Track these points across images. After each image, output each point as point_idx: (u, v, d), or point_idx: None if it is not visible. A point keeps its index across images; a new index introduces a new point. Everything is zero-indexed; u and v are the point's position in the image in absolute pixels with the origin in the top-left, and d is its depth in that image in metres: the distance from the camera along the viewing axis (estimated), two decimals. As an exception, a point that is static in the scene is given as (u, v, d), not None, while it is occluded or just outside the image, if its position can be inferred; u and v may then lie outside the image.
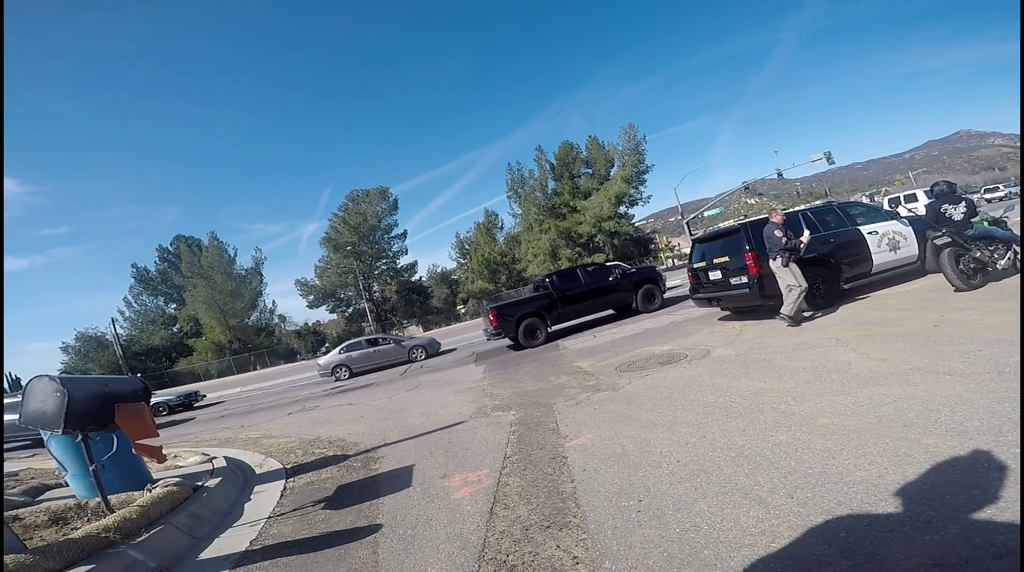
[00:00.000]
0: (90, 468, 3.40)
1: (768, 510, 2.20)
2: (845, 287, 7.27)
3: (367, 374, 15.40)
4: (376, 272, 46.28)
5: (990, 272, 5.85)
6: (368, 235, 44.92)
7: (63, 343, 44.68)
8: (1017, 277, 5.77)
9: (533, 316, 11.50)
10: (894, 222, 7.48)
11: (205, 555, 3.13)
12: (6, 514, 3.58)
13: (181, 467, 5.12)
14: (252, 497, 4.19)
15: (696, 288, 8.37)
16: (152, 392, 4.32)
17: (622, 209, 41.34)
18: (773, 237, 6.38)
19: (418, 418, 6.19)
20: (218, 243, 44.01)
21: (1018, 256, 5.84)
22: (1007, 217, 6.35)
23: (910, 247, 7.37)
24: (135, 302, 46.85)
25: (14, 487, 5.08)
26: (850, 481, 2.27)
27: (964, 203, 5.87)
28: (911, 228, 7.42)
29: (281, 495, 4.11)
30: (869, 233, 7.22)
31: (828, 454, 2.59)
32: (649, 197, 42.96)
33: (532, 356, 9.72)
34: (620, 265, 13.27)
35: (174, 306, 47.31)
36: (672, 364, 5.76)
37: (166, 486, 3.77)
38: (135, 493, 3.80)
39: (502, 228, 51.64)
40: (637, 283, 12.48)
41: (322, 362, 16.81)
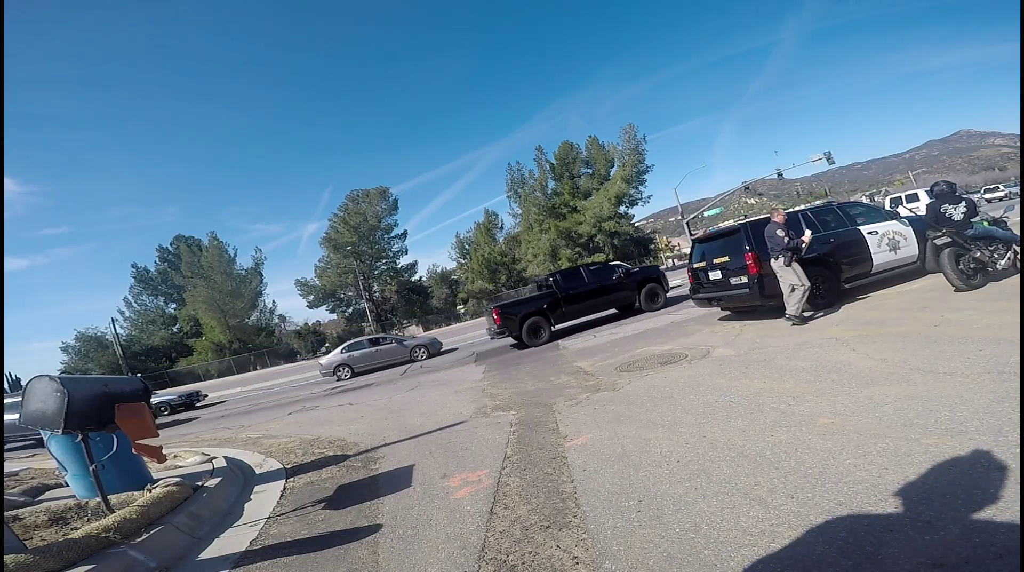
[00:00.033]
0: (90, 468, 3.40)
1: (768, 510, 2.20)
2: (846, 287, 7.27)
3: (368, 374, 15.41)
4: (376, 272, 46.30)
5: (990, 272, 5.86)
6: (368, 235, 44.94)
7: (63, 343, 44.81)
8: (1017, 277, 5.77)
9: (537, 315, 11.51)
10: (894, 222, 7.48)
11: (205, 555, 3.13)
12: (6, 514, 3.58)
13: (181, 467, 5.12)
14: (252, 497, 4.19)
15: (696, 288, 8.38)
16: (152, 392, 4.33)
17: (622, 209, 41.35)
18: (775, 236, 6.37)
19: (418, 418, 6.19)
20: (218, 243, 44.03)
21: (1018, 256, 5.84)
22: (1007, 217, 6.35)
23: (910, 247, 7.38)
24: (135, 302, 46.91)
25: (14, 487, 5.08)
26: (850, 481, 2.27)
27: (964, 203, 5.87)
28: (911, 228, 7.43)
29: (281, 495, 4.11)
30: (869, 233, 7.22)
31: (828, 454, 2.59)
32: (649, 197, 43.06)
33: (532, 356, 9.72)
34: (621, 265, 13.29)
35: (174, 306, 47.34)
36: (672, 364, 5.76)
37: (166, 486, 3.77)
38: (135, 493, 3.80)
39: (502, 228, 51.69)
40: (640, 282, 12.50)
41: (324, 362, 16.81)
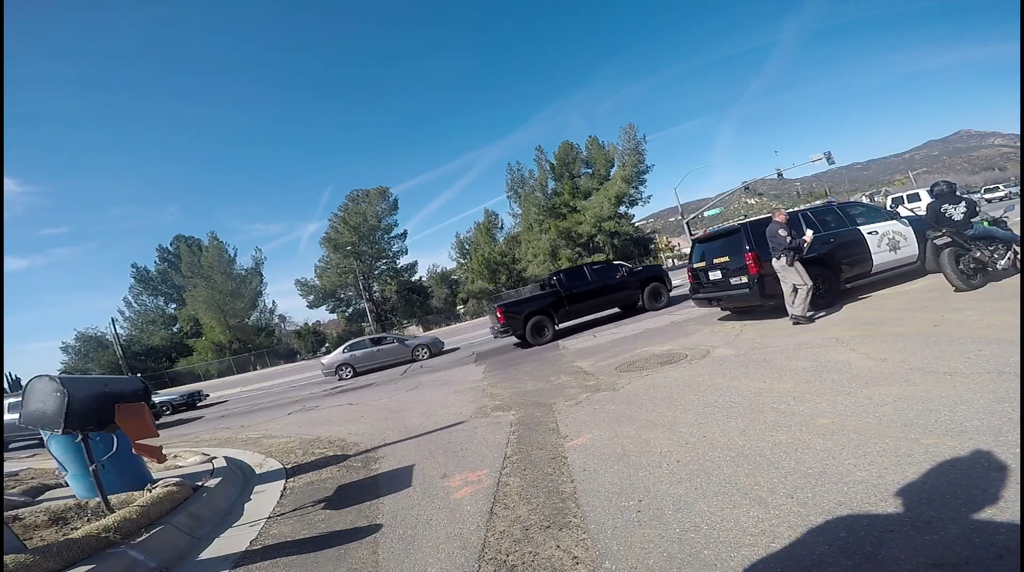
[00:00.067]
0: (90, 468, 3.40)
1: (768, 510, 2.20)
2: (847, 286, 7.27)
3: (370, 373, 15.40)
4: (376, 272, 46.27)
5: (990, 272, 5.85)
6: (368, 235, 44.92)
7: (63, 343, 44.70)
8: (1017, 277, 5.77)
9: (541, 314, 11.53)
10: (894, 222, 7.48)
11: (205, 555, 3.13)
12: (6, 514, 3.58)
13: (181, 467, 5.12)
14: (252, 497, 4.19)
15: (696, 288, 8.38)
16: (152, 392, 4.33)
17: (622, 209, 41.32)
18: (777, 236, 6.35)
19: (418, 418, 6.19)
20: (218, 243, 43.99)
21: (1018, 256, 5.84)
22: (1007, 217, 6.35)
23: (910, 247, 7.38)
24: (135, 302, 46.85)
25: (14, 487, 5.08)
26: (850, 481, 2.27)
27: (964, 203, 5.87)
28: (911, 228, 7.43)
29: (281, 495, 4.11)
30: (869, 233, 7.22)
31: (828, 454, 2.59)
32: (649, 197, 43.02)
33: (532, 356, 9.72)
34: (623, 264, 13.33)
35: (174, 306, 47.29)
36: (672, 364, 5.76)
37: (166, 486, 3.77)
38: (135, 493, 3.80)
39: (502, 228, 51.63)
40: (644, 281, 12.53)
41: (326, 361, 16.77)
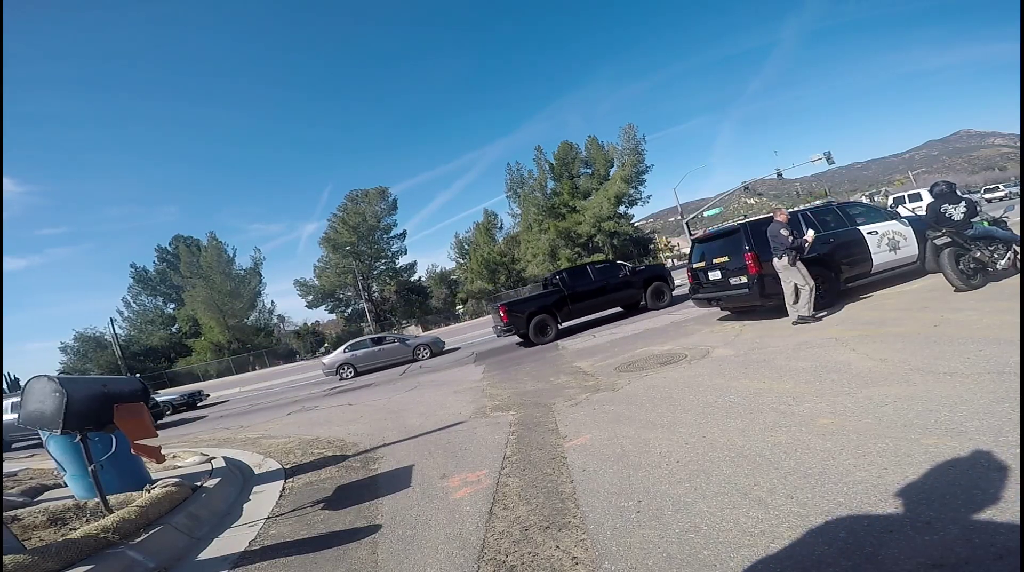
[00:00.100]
0: (89, 468, 3.39)
1: (768, 510, 2.19)
2: (848, 286, 7.27)
3: (371, 373, 15.39)
4: (375, 272, 46.23)
5: (990, 272, 5.85)
6: (367, 235, 44.88)
7: (62, 343, 44.60)
8: (1017, 277, 5.77)
9: (544, 313, 11.55)
10: (894, 222, 7.48)
11: (204, 555, 3.12)
12: (5, 514, 3.57)
13: (180, 467, 5.12)
14: (251, 497, 4.19)
15: (696, 288, 8.38)
16: (152, 392, 4.32)
17: (621, 209, 41.32)
18: (779, 236, 6.32)
19: (417, 418, 6.18)
20: (217, 243, 43.94)
21: (1018, 256, 5.84)
22: (1007, 217, 6.34)
23: (910, 247, 7.38)
24: (134, 302, 46.78)
25: (13, 487, 5.07)
26: (850, 481, 2.27)
27: (964, 203, 5.87)
28: (911, 228, 7.42)
29: (280, 495, 4.11)
30: (869, 233, 7.22)
31: (828, 454, 2.59)
32: (648, 197, 43.05)
33: (531, 356, 9.72)
34: (626, 264, 13.38)
35: (173, 306, 47.22)
36: (672, 364, 5.75)
37: (165, 486, 3.77)
38: (134, 493, 3.79)
39: (501, 228, 51.61)
40: (646, 280, 12.54)
41: (326, 361, 16.72)
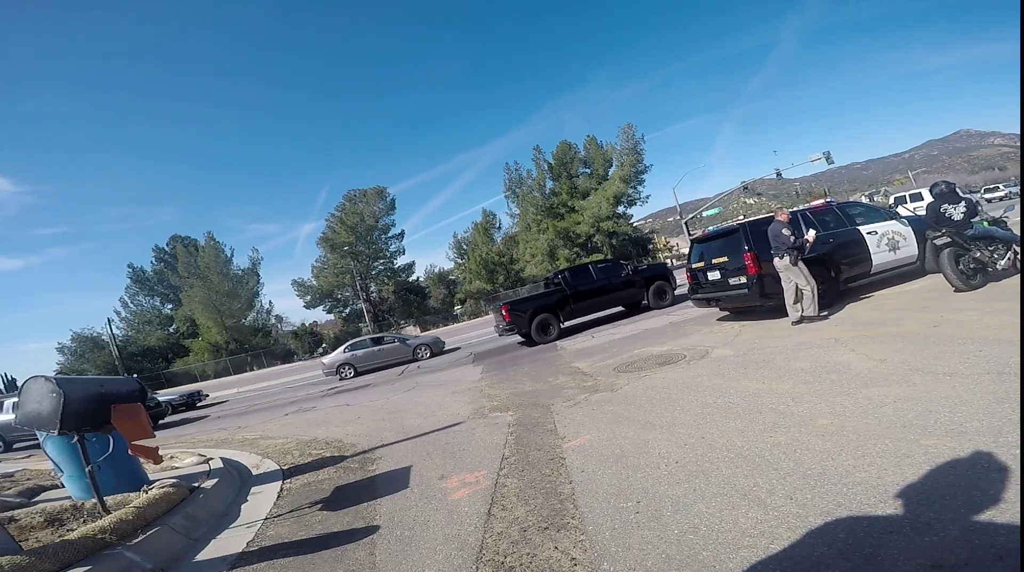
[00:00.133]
0: (86, 469, 3.38)
1: (767, 511, 2.19)
2: (849, 286, 7.26)
3: (371, 373, 15.35)
4: (373, 272, 46.17)
5: (990, 272, 5.85)
6: (365, 235, 44.82)
7: (59, 344, 44.45)
8: (1017, 277, 5.77)
9: (546, 312, 11.56)
10: (893, 222, 7.47)
11: (202, 556, 3.11)
12: (2, 515, 3.56)
13: (177, 468, 5.10)
14: (249, 498, 4.18)
15: (695, 288, 8.37)
16: (151, 392, 4.31)
17: (620, 209, 41.32)
18: (781, 235, 6.28)
19: (415, 419, 6.17)
20: (214, 243, 43.86)
21: (1018, 256, 5.84)
22: (1007, 217, 6.34)
23: (909, 247, 7.37)
24: (131, 302, 46.65)
25: (10, 488, 5.05)
26: (849, 482, 2.27)
27: (964, 203, 5.87)
28: (910, 228, 7.42)
29: (278, 496, 4.10)
30: (868, 233, 7.22)
31: (827, 455, 2.58)
32: (647, 197, 43.05)
33: (530, 357, 9.71)
34: (626, 263, 13.40)
35: (170, 306, 47.11)
36: (670, 365, 5.75)
37: (162, 487, 3.75)
38: (131, 494, 3.78)
39: (500, 228, 51.57)
40: (648, 279, 12.53)
41: (327, 361, 16.64)
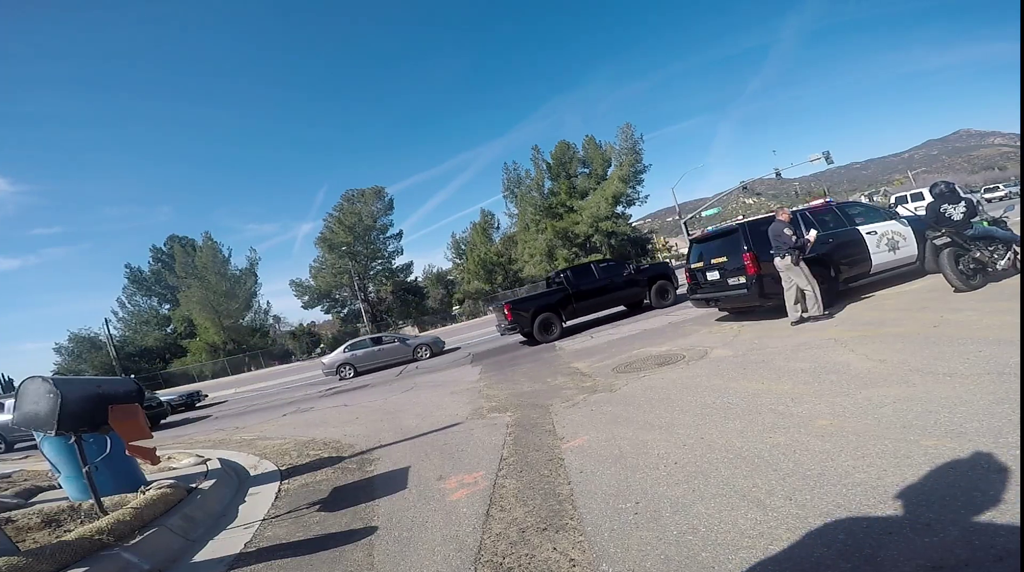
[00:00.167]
0: (83, 470, 3.37)
1: (766, 512, 2.18)
2: (849, 286, 7.26)
3: (371, 373, 15.33)
4: (371, 272, 46.10)
5: (990, 272, 5.85)
6: (363, 235, 44.76)
7: (56, 344, 44.24)
8: (1017, 277, 5.77)
9: (548, 311, 11.57)
10: (893, 222, 7.47)
11: (199, 557, 3.10)
12: (-2, 516, 3.55)
13: (175, 469, 5.09)
14: (246, 499, 4.16)
15: (694, 288, 8.36)
16: (148, 393, 4.30)
17: (619, 209, 41.33)
18: (782, 235, 6.25)
19: (414, 419, 6.16)
20: (212, 243, 43.80)
21: (1018, 256, 5.84)
22: (1007, 217, 6.33)
23: (909, 247, 7.37)
24: (129, 303, 46.51)
25: (7, 489, 5.03)
26: (849, 483, 2.26)
27: (964, 203, 5.86)
28: (910, 228, 7.42)
29: (276, 497, 4.08)
30: (868, 233, 7.21)
31: (827, 456, 2.58)
32: (646, 197, 43.17)
33: (529, 357, 9.70)
34: (628, 263, 13.42)
35: (168, 307, 47.00)
36: (669, 365, 5.74)
37: (160, 488, 3.74)
38: (129, 495, 3.77)
39: (498, 228, 51.60)
40: (651, 279, 12.53)
41: (326, 361, 16.60)
